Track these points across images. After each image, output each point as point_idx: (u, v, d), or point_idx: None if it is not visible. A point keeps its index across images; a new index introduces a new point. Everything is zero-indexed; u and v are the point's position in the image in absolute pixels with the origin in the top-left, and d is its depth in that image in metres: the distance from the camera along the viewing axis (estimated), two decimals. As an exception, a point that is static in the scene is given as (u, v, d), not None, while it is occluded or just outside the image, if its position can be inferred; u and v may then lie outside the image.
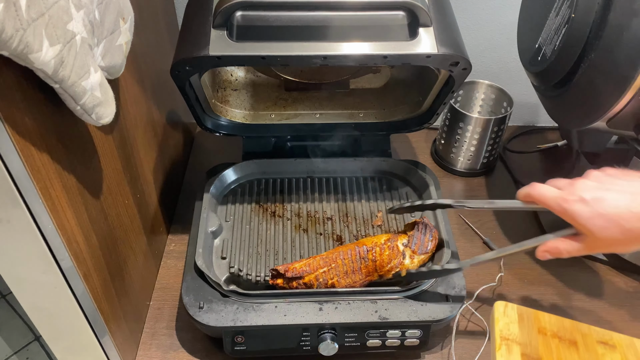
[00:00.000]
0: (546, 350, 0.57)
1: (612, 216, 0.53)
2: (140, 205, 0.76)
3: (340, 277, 0.72)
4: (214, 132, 0.87)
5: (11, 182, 0.46)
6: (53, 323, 0.60)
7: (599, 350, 0.59)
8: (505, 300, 0.67)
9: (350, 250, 0.72)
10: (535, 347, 0.57)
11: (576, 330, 0.61)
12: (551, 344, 0.58)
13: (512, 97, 1.00)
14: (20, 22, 0.38)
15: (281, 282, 0.72)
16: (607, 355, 0.58)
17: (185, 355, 0.75)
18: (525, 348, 0.57)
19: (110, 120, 0.53)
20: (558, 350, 0.58)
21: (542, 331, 0.60)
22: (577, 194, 0.56)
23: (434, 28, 0.66)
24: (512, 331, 0.59)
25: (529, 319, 0.61)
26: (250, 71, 0.94)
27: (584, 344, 0.59)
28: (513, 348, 0.57)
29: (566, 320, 0.62)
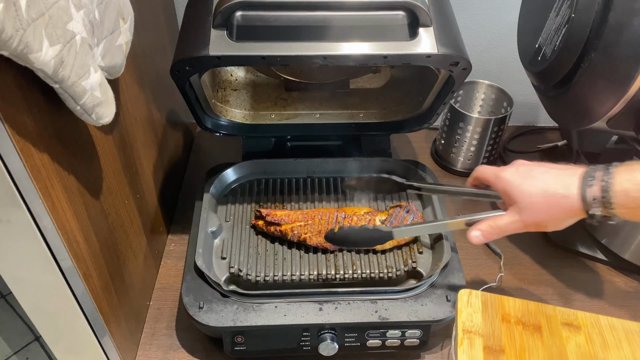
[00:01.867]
0: (509, 339, 0.56)
1: (539, 183, 0.56)
2: (140, 205, 0.76)
3: (313, 235, 0.75)
4: (214, 132, 0.87)
5: (11, 182, 0.46)
6: (53, 323, 0.60)
7: (564, 334, 0.58)
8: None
9: (329, 213, 0.76)
10: (499, 336, 0.56)
11: (541, 313, 0.60)
12: (515, 332, 0.57)
13: (512, 97, 1.00)
14: (20, 22, 0.38)
15: (262, 224, 0.77)
16: (572, 337, 0.57)
17: (185, 355, 0.75)
18: (487, 340, 0.56)
19: (110, 120, 0.53)
20: (521, 338, 0.56)
21: (506, 318, 0.58)
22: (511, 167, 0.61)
23: (434, 28, 0.66)
24: (475, 322, 0.57)
25: (493, 306, 0.60)
26: (250, 71, 0.94)
27: (548, 328, 0.58)
28: (475, 341, 0.56)
29: (531, 303, 0.61)
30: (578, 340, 0.57)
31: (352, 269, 0.74)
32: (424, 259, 0.76)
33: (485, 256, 0.90)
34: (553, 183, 0.55)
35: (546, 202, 0.55)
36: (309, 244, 0.75)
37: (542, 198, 0.56)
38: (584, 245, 0.89)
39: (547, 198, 0.55)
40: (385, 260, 0.76)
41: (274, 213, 0.77)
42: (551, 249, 0.91)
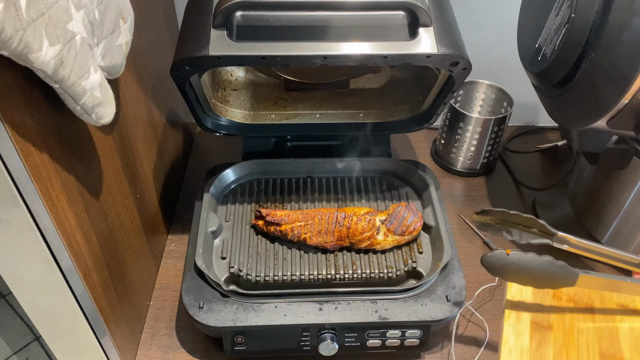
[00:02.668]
0: (559, 316, 0.54)
1: None
2: (140, 205, 0.76)
3: (313, 235, 0.75)
4: (214, 132, 0.87)
5: (11, 182, 0.46)
6: (53, 323, 0.60)
7: (617, 315, 0.56)
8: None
9: (329, 213, 0.76)
10: (548, 313, 0.55)
11: (595, 293, 0.58)
12: (565, 310, 0.55)
13: (512, 97, 1.00)
14: (20, 22, 0.38)
15: (262, 224, 0.78)
16: (626, 320, 0.55)
17: (185, 355, 0.75)
18: (536, 315, 0.54)
19: (110, 120, 0.53)
20: (572, 316, 0.55)
21: (558, 295, 0.57)
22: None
23: (434, 28, 0.66)
24: (524, 296, 0.56)
25: None
26: (250, 71, 0.94)
27: (602, 307, 0.56)
28: (522, 315, 0.54)
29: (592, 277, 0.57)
30: (633, 323, 0.55)
31: (352, 269, 0.74)
32: (424, 259, 0.76)
33: (485, 256, 0.89)
34: None
35: None
36: (309, 243, 0.75)
37: None
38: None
39: None
40: (385, 260, 0.76)
41: (273, 213, 0.77)
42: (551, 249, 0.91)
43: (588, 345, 0.53)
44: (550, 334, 0.53)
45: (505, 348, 0.52)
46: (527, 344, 0.52)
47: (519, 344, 0.52)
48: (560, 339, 0.53)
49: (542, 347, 0.51)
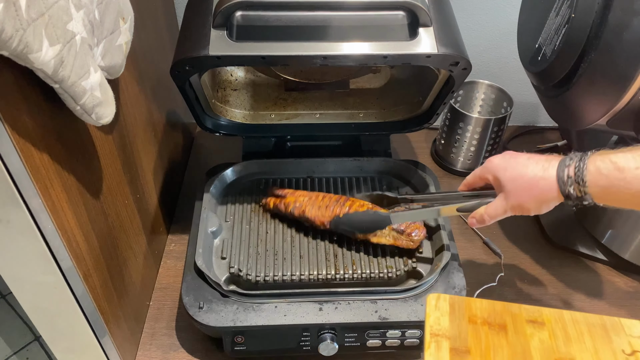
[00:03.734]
0: (475, 340, 0.57)
1: (521, 168, 0.60)
2: (140, 205, 0.76)
3: (313, 208, 0.77)
4: (214, 132, 0.87)
5: (11, 182, 0.46)
6: (53, 323, 0.60)
7: (528, 331, 0.59)
8: (505, 301, 0.67)
9: (334, 194, 0.79)
10: (465, 338, 0.57)
11: (506, 312, 0.61)
12: (481, 333, 0.58)
13: (512, 97, 1.00)
14: (20, 22, 0.38)
15: (271, 201, 0.80)
16: (536, 334, 0.58)
17: (185, 355, 0.75)
18: (454, 342, 0.57)
19: (110, 120, 0.53)
20: (487, 338, 0.57)
21: (473, 320, 0.59)
22: (499, 155, 0.64)
23: (434, 28, 0.66)
24: (442, 325, 0.58)
25: (460, 309, 0.60)
26: (250, 71, 0.94)
27: (513, 326, 0.59)
28: (442, 344, 0.56)
29: (497, 303, 0.62)
30: (542, 336, 0.58)
31: (352, 269, 0.74)
32: (424, 259, 0.76)
33: (485, 256, 0.90)
34: (534, 167, 0.59)
35: (527, 184, 0.59)
36: (307, 216, 0.77)
37: (523, 180, 0.59)
38: (584, 245, 0.89)
39: (527, 180, 0.59)
40: (385, 260, 0.76)
41: (283, 189, 0.81)
42: (551, 249, 0.91)
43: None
44: (469, 358, 0.55)
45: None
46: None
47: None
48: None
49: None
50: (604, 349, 0.57)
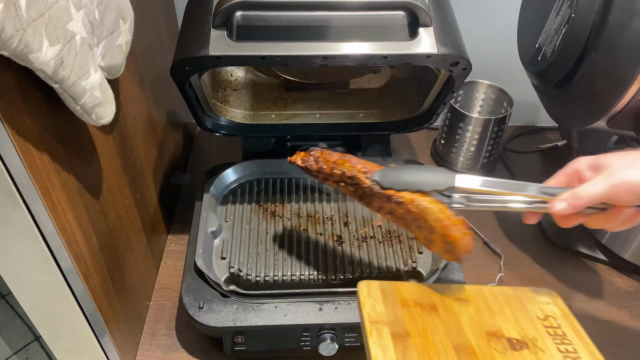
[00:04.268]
0: (412, 322, 0.57)
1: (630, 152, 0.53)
2: (140, 205, 0.76)
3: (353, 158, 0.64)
4: (214, 132, 0.87)
5: (11, 182, 0.46)
6: (53, 323, 0.60)
7: (456, 308, 0.61)
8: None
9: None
10: (402, 322, 0.57)
11: (433, 293, 0.62)
12: (415, 315, 0.58)
13: (512, 97, 1.00)
14: (20, 22, 0.38)
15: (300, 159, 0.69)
16: (464, 311, 0.61)
17: (185, 355, 0.75)
18: (393, 327, 0.56)
19: (110, 120, 0.53)
20: (422, 319, 0.58)
21: (405, 303, 0.60)
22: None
23: (434, 28, 0.66)
24: (378, 312, 0.58)
25: (391, 293, 0.61)
26: (250, 71, 0.94)
27: (442, 305, 0.61)
28: (382, 330, 0.56)
29: (423, 285, 0.64)
30: (469, 312, 0.61)
31: (352, 269, 0.74)
32: (424, 259, 0.76)
33: (485, 256, 0.90)
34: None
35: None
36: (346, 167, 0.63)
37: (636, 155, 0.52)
38: (584, 245, 0.89)
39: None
40: (386, 260, 0.76)
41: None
42: (551, 249, 0.91)
43: (442, 342, 0.56)
44: (410, 341, 0.55)
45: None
46: (394, 356, 0.54)
47: (388, 358, 0.53)
48: (419, 343, 0.55)
49: (407, 355, 0.54)
50: (523, 317, 0.60)
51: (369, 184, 0.61)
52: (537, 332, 0.59)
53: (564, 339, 0.59)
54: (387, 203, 0.61)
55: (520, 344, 0.57)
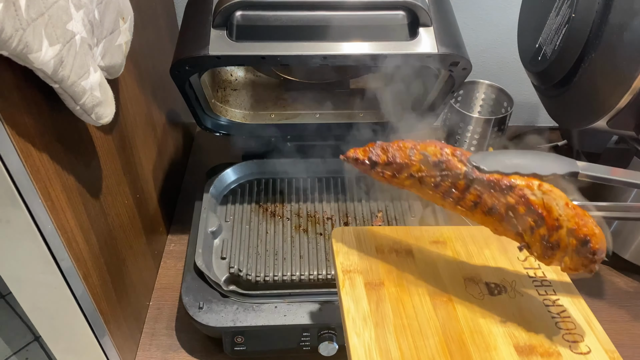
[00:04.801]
0: (386, 270, 0.56)
1: None
2: (140, 205, 0.76)
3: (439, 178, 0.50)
4: (213, 132, 0.87)
5: (11, 182, 0.46)
6: (53, 323, 0.60)
7: (433, 252, 0.59)
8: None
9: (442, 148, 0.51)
10: (376, 270, 0.56)
11: (410, 237, 0.60)
12: (390, 261, 0.57)
13: (512, 97, 1.00)
14: (20, 22, 0.38)
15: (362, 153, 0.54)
16: (441, 255, 0.59)
17: (185, 355, 0.75)
18: (367, 275, 0.55)
19: (109, 120, 0.53)
20: (397, 267, 0.57)
21: (380, 249, 0.58)
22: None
23: (434, 28, 0.66)
24: (352, 260, 0.57)
25: (366, 239, 0.59)
26: (250, 71, 0.94)
27: (419, 250, 0.59)
28: (356, 280, 0.55)
29: (399, 228, 0.62)
30: (446, 256, 0.59)
31: (352, 269, 0.74)
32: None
33: (485, 256, 0.89)
34: None
35: None
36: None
37: None
38: (584, 245, 0.89)
39: None
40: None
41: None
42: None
43: (417, 290, 0.55)
44: (384, 290, 0.54)
45: (349, 319, 0.52)
46: (367, 308, 0.52)
47: (360, 310, 0.52)
48: (393, 292, 0.54)
49: (380, 306, 0.53)
50: (502, 259, 0.59)
51: (464, 168, 0.48)
52: (517, 275, 0.58)
53: (544, 280, 0.57)
54: (488, 194, 0.48)
55: (499, 288, 0.56)
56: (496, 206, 0.48)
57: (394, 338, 0.50)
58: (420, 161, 0.50)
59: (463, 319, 0.53)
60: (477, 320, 0.53)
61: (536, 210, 0.46)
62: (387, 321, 0.51)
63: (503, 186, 0.46)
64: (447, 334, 0.51)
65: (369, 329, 0.51)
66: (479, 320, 0.53)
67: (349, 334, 0.51)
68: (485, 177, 0.47)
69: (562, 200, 0.45)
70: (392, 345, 0.50)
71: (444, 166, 0.49)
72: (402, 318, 0.52)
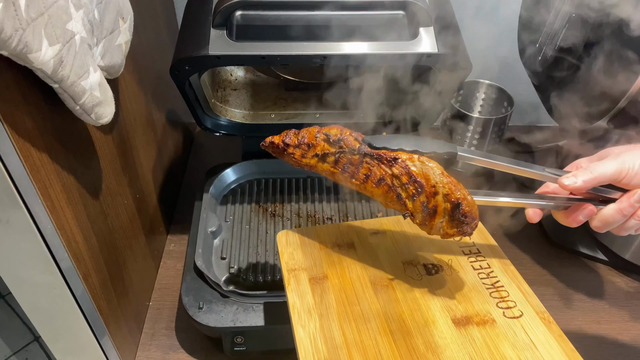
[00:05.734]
0: (329, 264, 0.59)
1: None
2: (139, 205, 0.76)
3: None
4: (213, 132, 0.87)
5: (10, 183, 0.46)
6: (52, 323, 0.60)
7: (373, 242, 0.62)
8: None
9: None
10: (320, 265, 0.59)
11: (351, 231, 0.64)
12: (333, 256, 0.61)
13: (512, 97, 1.00)
14: (20, 22, 0.38)
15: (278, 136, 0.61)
16: (381, 244, 0.62)
17: (185, 355, 0.75)
18: (311, 271, 0.59)
19: (109, 120, 0.53)
20: (340, 260, 0.60)
21: (323, 246, 0.62)
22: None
23: (434, 28, 0.66)
24: (296, 259, 0.60)
25: (310, 237, 0.63)
26: (250, 71, 0.94)
27: (360, 242, 0.62)
28: (300, 276, 0.58)
29: (342, 224, 0.65)
30: (386, 244, 0.62)
31: (352, 269, 0.74)
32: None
33: (485, 256, 0.89)
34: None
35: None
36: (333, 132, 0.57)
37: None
38: (584, 245, 0.89)
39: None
40: (385, 260, 0.76)
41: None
42: (551, 249, 0.91)
43: (360, 278, 0.58)
44: (328, 283, 0.57)
45: (294, 314, 0.55)
46: (311, 301, 0.56)
47: (305, 304, 0.55)
48: (336, 283, 0.57)
49: (324, 298, 0.56)
50: (438, 241, 0.63)
51: (358, 145, 0.55)
52: (452, 254, 0.61)
53: (478, 256, 0.62)
54: (377, 167, 0.54)
55: (436, 268, 0.60)
56: (384, 177, 0.54)
57: (337, 325, 0.53)
58: (323, 140, 0.58)
59: (403, 300, 0.56)
60: (416, 299, 0.56)
61: (416, 178, 0.53)
62: (330, 311, 0.55)
63: (389, 158, 0.53)
64: (387, 315, 0.54)
65: (313, 320, 0.54)
66: (417, 299, 0.56)
67: (294, 327, 0.54)
68: (375, 152, 0.54)
69: (438, 169, 0.53)
70: (336, 332, 0.53)
71: (342, 144, 0.56)
72: (345, 306, 0.55)
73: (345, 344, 0.52)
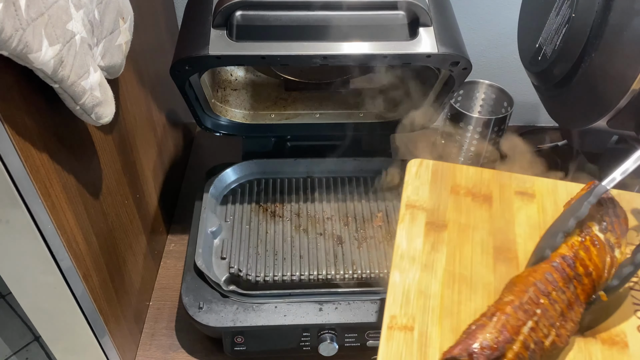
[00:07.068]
0: (455, 213, 0.50)
1: None
2: (139, 205, 0.76)
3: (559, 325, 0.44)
4: (213, 132, 0.87)
5: (11, 182, 0.46)
6: (52, 323, 0.60)
7: (515, 204, 0.52)
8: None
9: (548, 274, 0.44)
10: (444, 211, 0.51)
11: (494, 181, 0.54)
12: (462, 205, 0.51)
13: (512, 97, 1.00)
14: (20, 22, 0.38)
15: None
16: (523, 208, 0.52)
17: (185, 355, 0.75)
18: (431, 214, 0.50)
19: (109, 120, 0.53)
20: (468, 211, 0.50)
21: (456, 189, 0.53)
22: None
23: (434, 28, 0.66)
24: (420, 195, 0.52)
25: (444, 177, 0.54)
26: (250, 71, 0.94)
27: (499, 197, 0.52)
28: (418, 216, 0.50)
29: (486, 170, 0.56)
30: (529, 210, 0.52)
31: (352, 269, 0.74)
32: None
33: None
34: None
35: None
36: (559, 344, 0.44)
37: None
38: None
39: None
40: (385, 260, 0.76)
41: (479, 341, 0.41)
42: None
43: (483, 241, 0.49)
44: (445, 234, 0.49)
45: (396, 255, 0.47)
46: (420, 248, 0.47)
47: (412, 248, 0.47)
48: (454, 237, 0.49)
49: (435, 249, 0.47)
50: None
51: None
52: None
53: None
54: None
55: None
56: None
57: (439, 285, 0.45)
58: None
59: None
60: None
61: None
62: (437, 266, 0.46)
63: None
64: (498, 293, 0.44)
65: (414, 269, 0.46)
66: None
67: (392, 270, 0.46)
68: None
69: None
70: (434, 292, 0.45)
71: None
72: (455, 265, 0.47)
73: (440, 308, 0.44)
